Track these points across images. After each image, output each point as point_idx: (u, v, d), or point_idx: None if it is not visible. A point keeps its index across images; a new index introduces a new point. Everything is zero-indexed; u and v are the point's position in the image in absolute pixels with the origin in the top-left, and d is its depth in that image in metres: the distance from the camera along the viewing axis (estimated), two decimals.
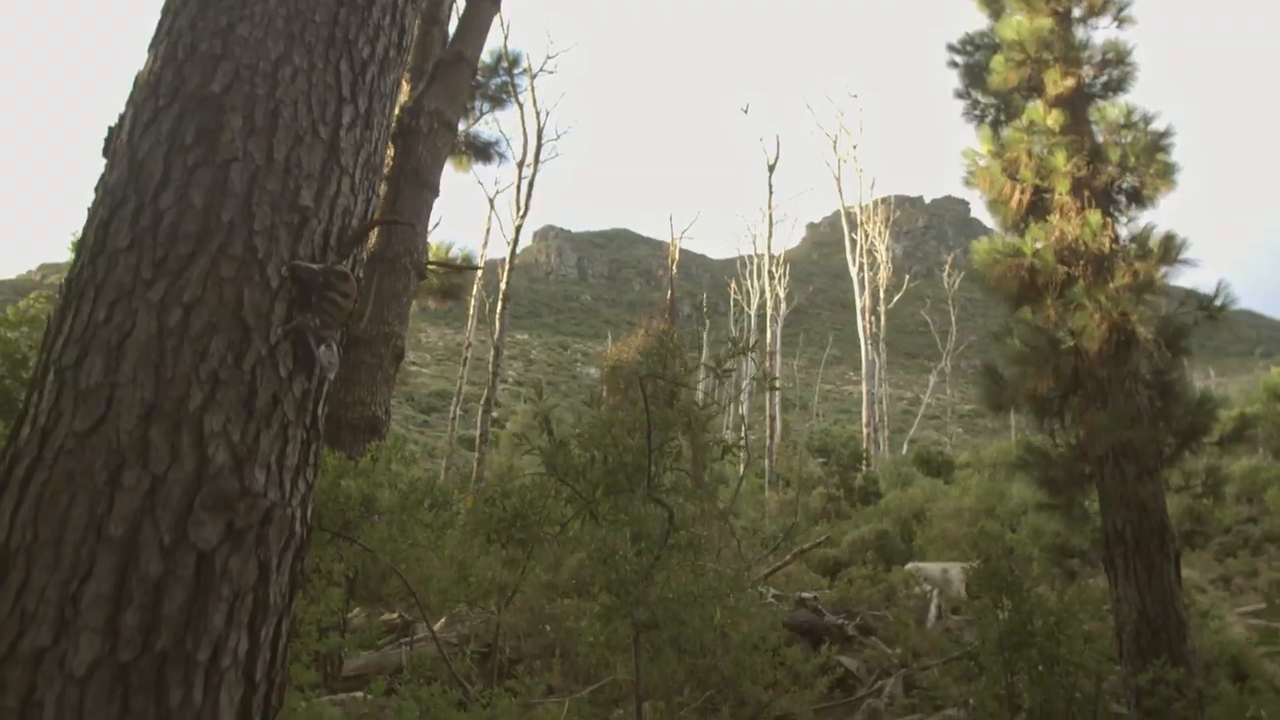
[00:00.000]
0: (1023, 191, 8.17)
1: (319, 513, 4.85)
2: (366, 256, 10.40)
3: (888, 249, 35.11)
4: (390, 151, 10.48)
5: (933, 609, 10.23)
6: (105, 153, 2.37)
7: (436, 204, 11.12)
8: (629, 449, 3.30)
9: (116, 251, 2.14)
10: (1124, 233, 8.24)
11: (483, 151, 12.17)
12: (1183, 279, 8.06)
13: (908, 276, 40.75)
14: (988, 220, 9.26)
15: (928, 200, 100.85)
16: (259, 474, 2.09)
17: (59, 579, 1.88)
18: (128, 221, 2.17)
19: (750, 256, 38.02)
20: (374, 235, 10.26)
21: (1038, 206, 8.30)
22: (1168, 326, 7.83)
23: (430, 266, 11.41)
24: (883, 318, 34.07)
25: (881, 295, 34.03)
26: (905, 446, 39.56)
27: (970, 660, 7.91)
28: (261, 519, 2.08)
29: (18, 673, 1.82)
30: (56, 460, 1.97)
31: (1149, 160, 7.89)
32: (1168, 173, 8.04)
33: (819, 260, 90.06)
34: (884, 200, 37.83)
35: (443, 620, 9.16)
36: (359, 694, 7.01)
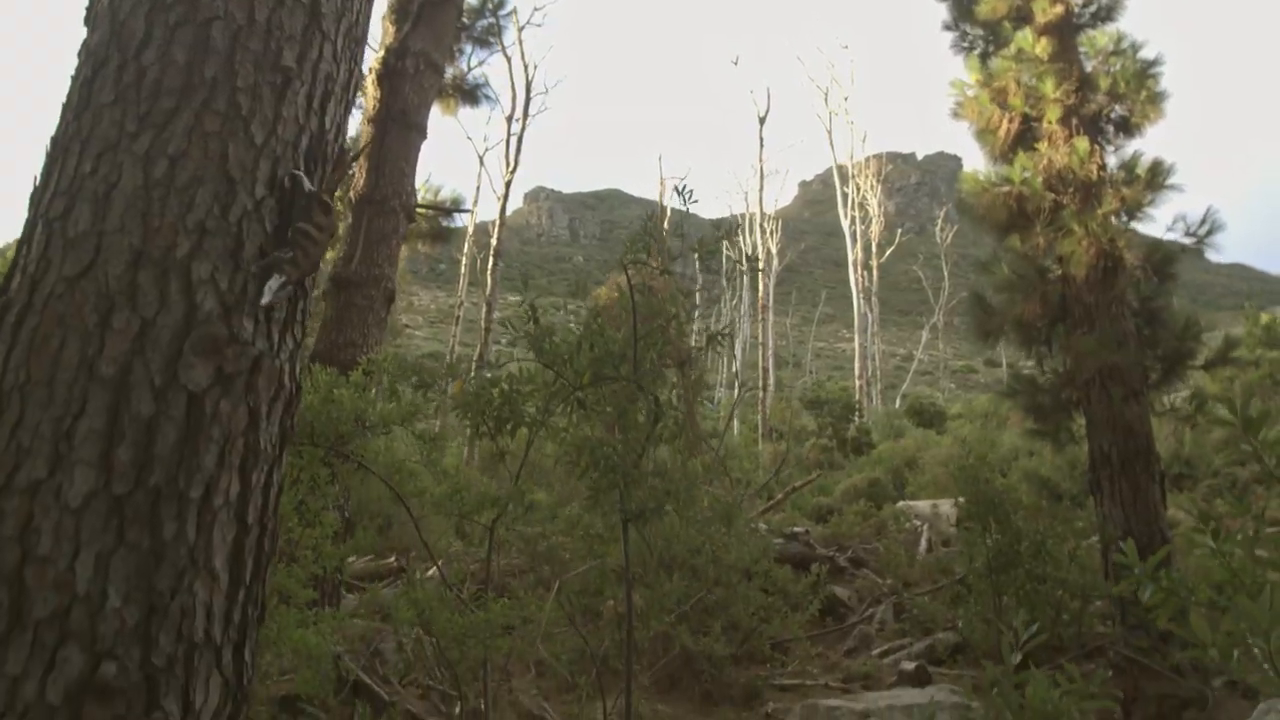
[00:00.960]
0: (1011, 120, 8.17)
1: (313, 429, 4.90)
2: (354, 198, 10.44)
3: (880, 203, 35.02)
4: (376, 93, 10.43)
5: (923, 542, 10.36)
6: (86, 21, 2.38)
7: (425, 160, 11.03)
8: (614, 339, 3.34)
9: (101, 107, 2.16)
10: (1112, 161, 8.27)
11: (470, 95, 12.08)
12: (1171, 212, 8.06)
13: (900, 230, 40.71)
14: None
15: (920, 157, 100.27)
16: (247, 323, 2.12)
17: (52, 415, 1.92)
18: (111, 78, 2.18)
19: (742, 215, 37.92)
20: (362, 176, 10.24)
21: (1025, 136, 8.32)
22: (1155, 253, 7.88)
23: (419, 209, 11.39)
24: (875, 272, 34.06)
25: (874, 249, 33.99)
26: (898, 401, 39.74)
27: (960, 585, 8.04)
28: (250, 366, 2.11)
29: (15, 503, 1.86)
30: (47, 305, 2.00)
31: (1138, 87, 7.89)
32: (1157, 100, 8.05)
33: (811, 218, 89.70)
34: (876, 156, 37.73)
35: (439, 562, 9.27)
36: (356, 619, 7.12)
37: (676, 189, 3.14)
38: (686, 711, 6.54)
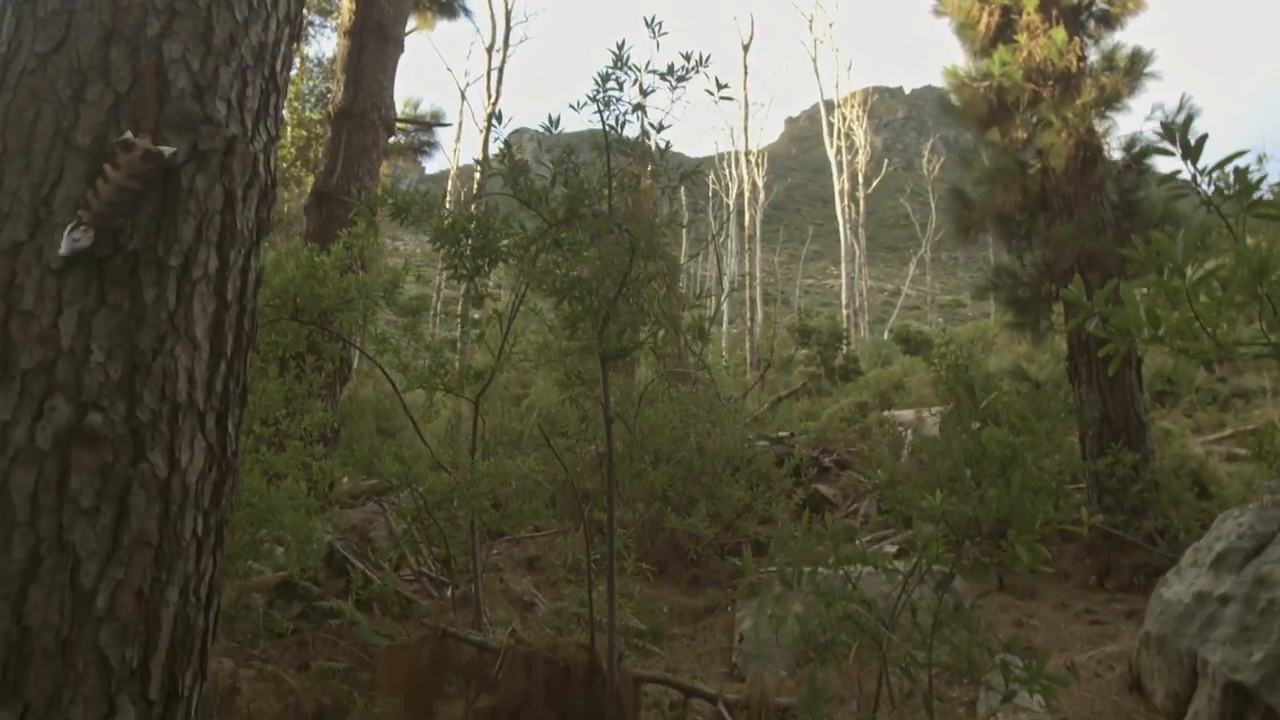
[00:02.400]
0: (990, 13, 8.14)
1: (296, 304, 4.95)
2: (332, 112, 10.36)
3: (866, 133, 34.81)
4: (351, 5, 10.31)
5: (907, 445, 10.50)
6: None
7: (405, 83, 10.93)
8: (588, 179, 3.38)
9: None
10: (1093, 55, 8.25)
11: (447, 7, 11.94)
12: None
13: (886, 161, 40.53)
14: None
15: (908, 91, 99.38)
16: (220, 105, 2.16)
17: (30, 182, 1.96)
18: None
19: (729, 153, 37.68)
20: (339, 90, 10.17)
21: (1005, 30, 8.28)
22: (1133, 145, 7.91)
23: (399, 123, 11.32)
24: (861, 203, 33.96)
25: (860, 180, 33.86)
26: (886, 334, 39.85)
27: (942, 478, 8.17)
28: (225, 147, 2.15)
29: None
30: (20, 81, 2.03)
31: None
32: None
33: (798, 155, 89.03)
34: (863, 90, 37.44)
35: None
36: (351, 508, 7.24)
37: (645, 21, 3.14)
38: (674, 593, 6.70)
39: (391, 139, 10.67)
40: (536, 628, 5.57)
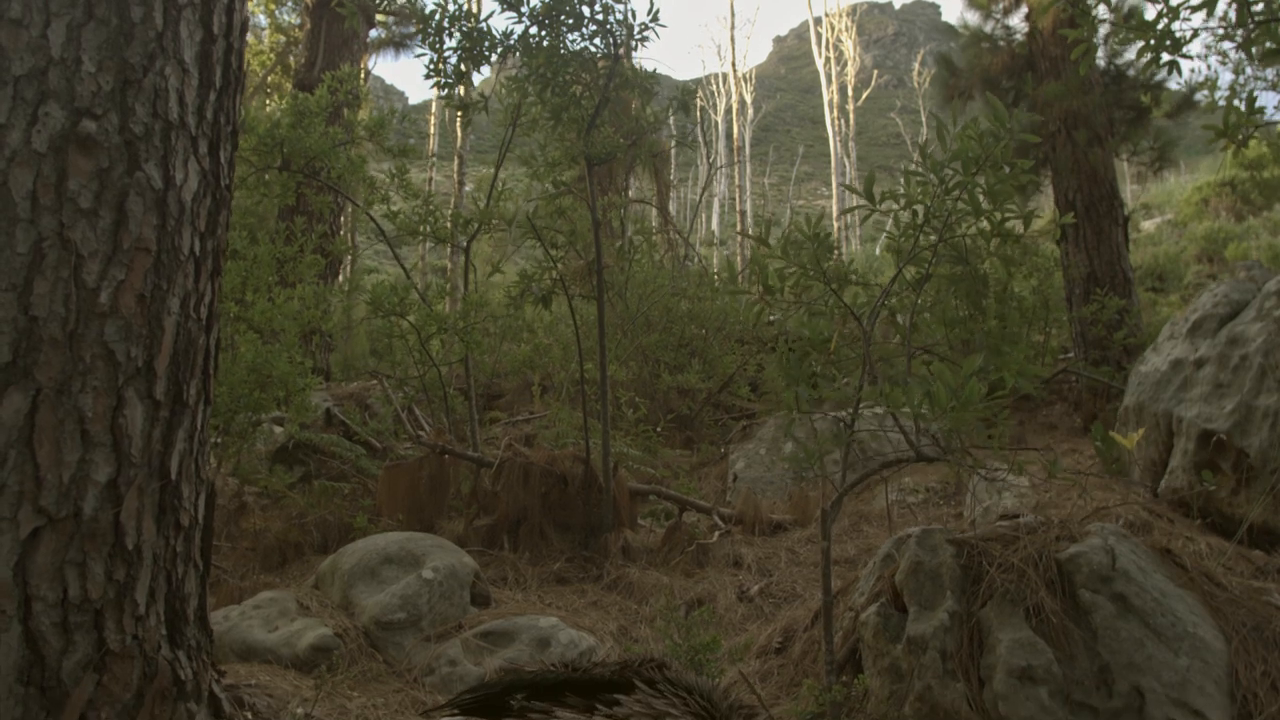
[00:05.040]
0: None
1: (283, 152, 4.96)
2: (311, 3, 10.20)
3: (855, 44, 34.32)
4: None
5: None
6: None
7: None
8: None
9: None
10: None
11: None
12: None
13: (876, 72, 40.06)
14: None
15: (897, 6, 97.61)
16: None
17: None
18: None
19: (716, 74, 37.13)
20: None
21: None
22: (1120, 5, 7.84)
23: (379, 16, 11.17)
24: (851, 116, 33.63)
25: (850, 93, 33.48)
26: (878, 251, 39.74)
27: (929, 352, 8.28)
28: None
29: None
30: None
31: None
32: None
33: (786, 75, 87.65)
34: (852, 4, 36.79)
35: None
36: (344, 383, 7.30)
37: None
38: (668, 453, 6.82)
39: (372, 33, 10.53)
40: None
